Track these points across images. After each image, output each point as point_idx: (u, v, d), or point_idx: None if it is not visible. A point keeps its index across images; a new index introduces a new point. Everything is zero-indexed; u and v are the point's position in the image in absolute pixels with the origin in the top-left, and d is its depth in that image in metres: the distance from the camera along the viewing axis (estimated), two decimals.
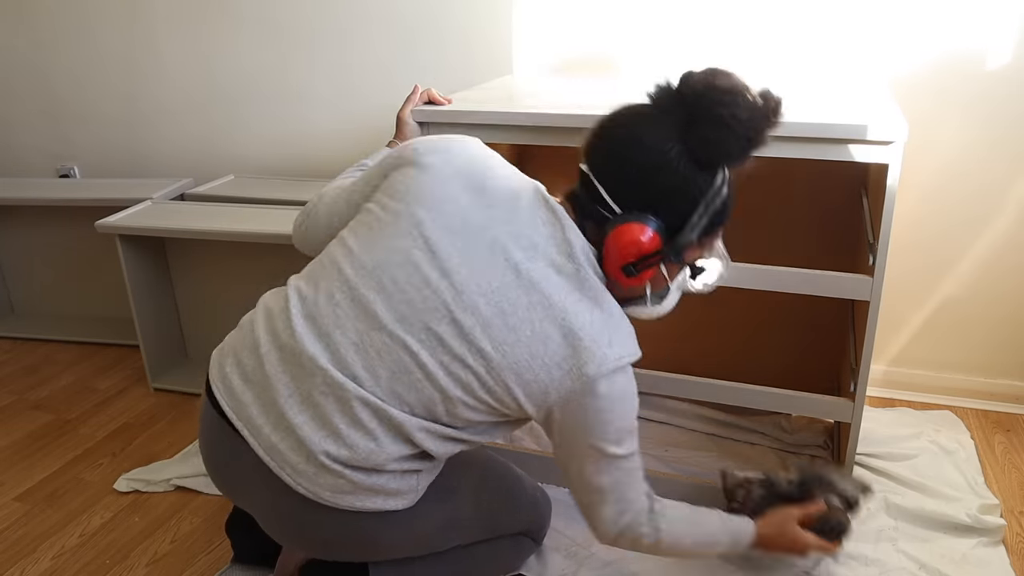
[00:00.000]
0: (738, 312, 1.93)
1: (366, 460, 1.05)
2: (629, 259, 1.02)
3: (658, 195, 1.01)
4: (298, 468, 1.06)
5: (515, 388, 1.02)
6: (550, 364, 1.01)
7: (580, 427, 1.05)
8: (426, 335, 1.02)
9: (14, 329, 2.51)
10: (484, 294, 1.02)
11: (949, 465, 1.70)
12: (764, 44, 1.87)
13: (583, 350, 1.00)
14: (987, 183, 1.83)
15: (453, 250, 1.03)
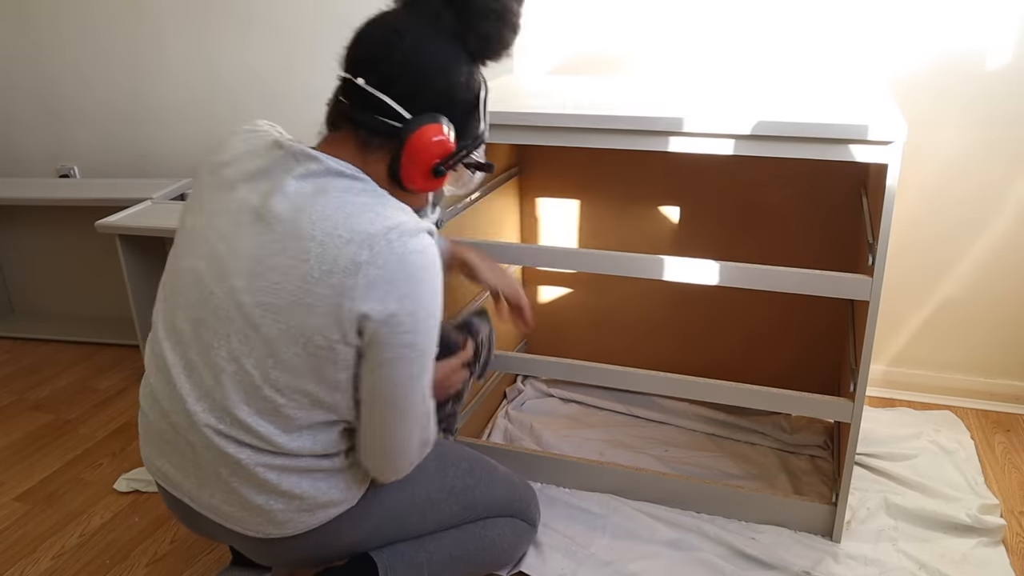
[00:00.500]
0: (738, 313, 1.93)
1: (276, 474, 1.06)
2: (435, 159, 1.04)
3: (445, 96, 1.03)
4: (237, 517, 1.09)
5: (308, 320, 0.97)
6: (322, 275, 0.96)
7: (385, 326, 0.98)
8: (213, 330, 1.02)
9: (14, 329, 2.51)
10: (241, 255, 1.00)
11: (949, 465, 1.70)
12: (765, 44, 1.87)
13: (345, 245, 0.96)
14: (987, 183, 1.83)
15: (215, 235, 1.03)
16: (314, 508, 1.11)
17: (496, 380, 1.96)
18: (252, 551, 1.18)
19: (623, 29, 1.96)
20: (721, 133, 1.31)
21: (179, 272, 1.07)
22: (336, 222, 0.97)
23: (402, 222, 0.99)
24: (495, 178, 1.84)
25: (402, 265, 0.98)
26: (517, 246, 1.56)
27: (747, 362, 1.97)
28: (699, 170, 1.84)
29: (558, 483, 1.67)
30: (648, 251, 1.95)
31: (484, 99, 1.10)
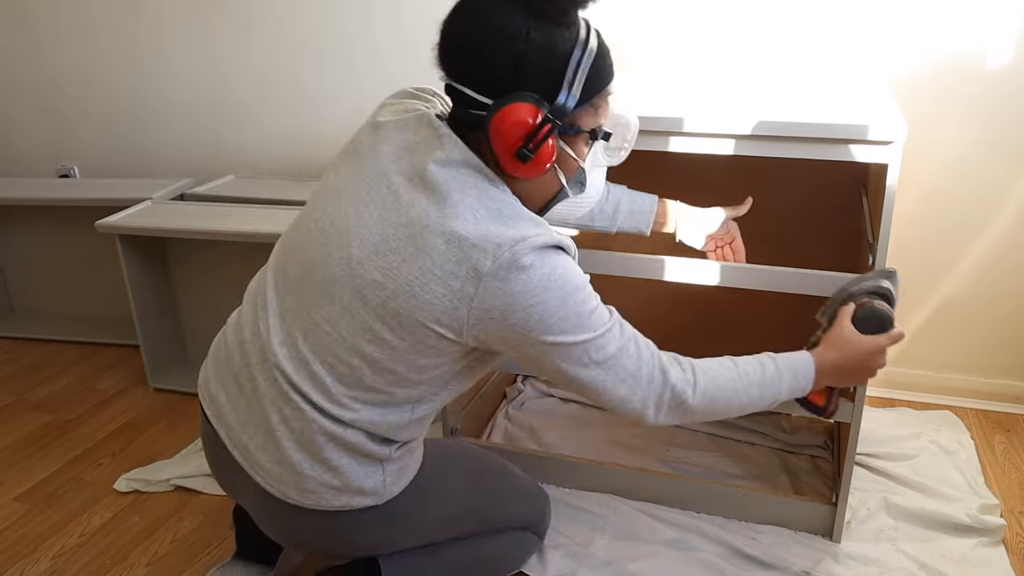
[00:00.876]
0: (738, 313, 1.93)
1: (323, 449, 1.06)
2: (518, 142, 0.95)
3: (521, 68, 0.94)
4: (266, 467, 1.08)
5: (418, 313, 0.97)
6: (443, 276, 0.95)
7: (515, 333, 0.97)
8: (327, 287, 1.02)
9: (14, 329, 2.51)
10: (368, 227, 1.00)
11: (949, 465, 1.70)
12: (765, 44, 1.87)
13: (471, 249, 0.94)
14: (987, 183, 1.83)
15: (348, 200, 1.03)
16: (343, 489, 1.09)
17: (496, 380, 1.96)
18: (261, 513, 1.16)
19: (625, 28, 1.96)
20: (721, 133, 1.31)
21: (306, 224, 1.07)
22: (466, 223, 0.95)
23: (528, 235, 0.95)
24: None
25: (525, 280, 0.95)
26: None
27: None
28: (699, 170, 1.84)
29: (558, 483, 1.67)
30: (648, 252, 1.95)
31: (577, 61, 0.96)
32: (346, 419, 1.05)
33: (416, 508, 1.19)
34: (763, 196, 1.82)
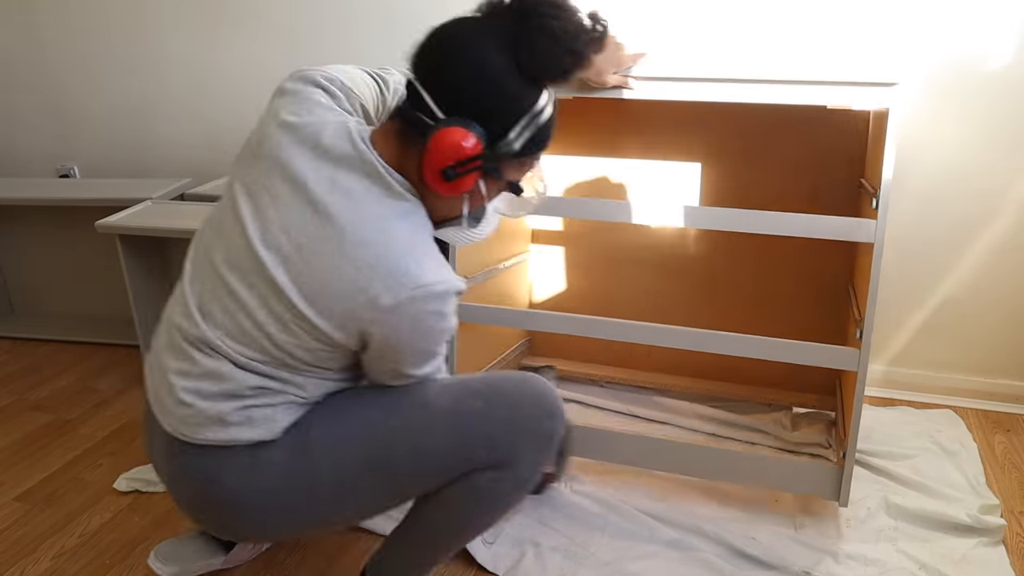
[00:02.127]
0: (740, 285, 1.93)
1: (215, 386, 1.09)
2: (449, 161, 1.01)
3: (482, 104, 1.02)
4: (164, 404, 1.13)
5: (314, 317, 1.04)
6: (346, 294, 1.02)
7: (381, 354, 1.08)
8: (241, 274, 1.07)
9: (14, 329, 2.51)
10: (286, 231, 1.05)
11: (950, 465, 1.70)
12: (766, 44, 1.87)
13: (379, 276, 1.01)
14: (987, 183, 1.83)
15: (266, 194, 1.07)
16: (223, 422, 1.09)
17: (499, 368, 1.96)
18: (170, 473, 1.15)
19: (626, 28, 1.96)
20: (728, 78, 1.32)
21: (232, 211, 1.10)
22: (377, 253, 1.02)
23: (432, 282, 1.03)
24: None
25: (415, 326, 1.05)
26: None
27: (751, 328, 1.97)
28: (701, 164, 1.84)
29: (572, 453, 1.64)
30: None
31: (537, 118, 1.05)
32: (241, 363, 1.09)
33: (321, 449, 1.12)
34: (763, 191, 1.82)
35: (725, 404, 1.93)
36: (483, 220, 1.18)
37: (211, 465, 1.12)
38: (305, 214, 1.04)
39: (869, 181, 1.57)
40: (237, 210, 1.08)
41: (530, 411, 1.14)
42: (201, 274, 1.12)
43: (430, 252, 1.07)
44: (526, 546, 1.49)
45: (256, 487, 1.12)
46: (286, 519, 1.15)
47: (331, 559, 1.50)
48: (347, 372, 1.17)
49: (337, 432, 1.13)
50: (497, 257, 1.90)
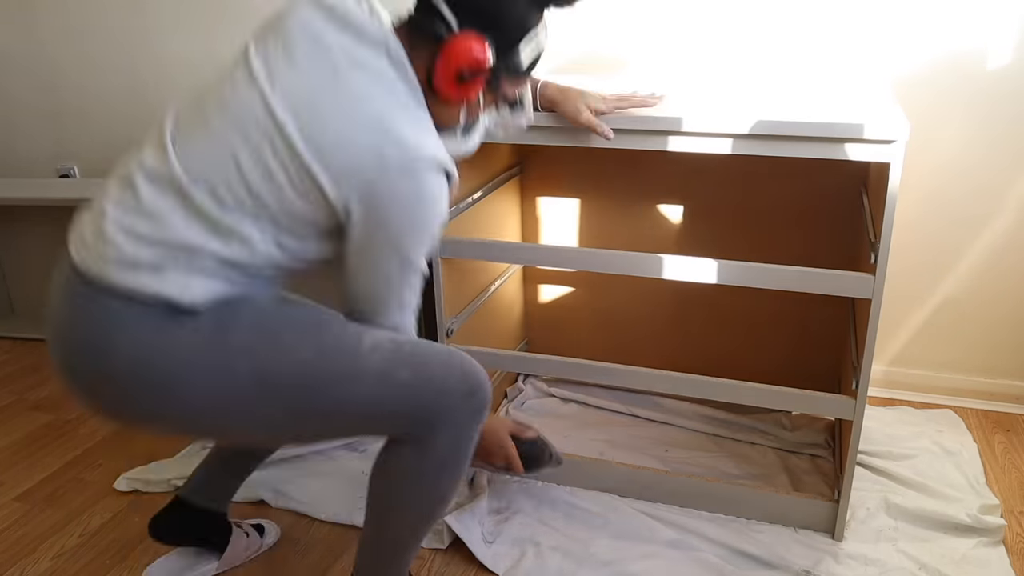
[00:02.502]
0: (738, 311, 1.93)
1: (149, 228, 1.04)
2: (462, 67, 1.08)
3: (498, 19, 1.09)
4: (84, 238, 1.09)
5: (315, 166, 1.03)
6: (355, 147, 1.03)
7: (381, 221, 1.07)
8: (239, 118, 1.05)
9: (14, 329, 2.51)
10: (302, 88, 1.05)
11: (950, 465, 1.70)
12: (766, 44, 1.87)
13: (391, 137, 1.04)
14: (987, 183, 1.83)
15: (283, 54, 1.07)
16: (139, 260, 1.04)
17: (497, 379, 1.96)
18: (64, 326, 1.08)
19: (624, 29, 1.96)
20: (722, 133, 1.31)
21: (244, 66, 1.09)
22: (392, 121, 1.05)
23: (441, 159, 1.07)
24: (496, 177, 1.84)
25: (419, 191, 1.06)
26: (518, 245, 1.56)
27: (747, 359, 1.97)
28: (700, 169, 1.84)
29: (559, 481, 1.67)
30: (649, 250, 1.95)
31: (535, 39, 1.13)
32: (194, 207, 1.05)
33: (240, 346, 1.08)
34: (763, 194, 1.82)
35: (725, 404, 1.93)
36: (472, 132, 1.25)
37: (112, 318, 1.04)
38: (325, 77, 1.05)
39: (871, 208, 1.56)
40: (249, 65, 1.08)
41: (456, 386, 1.14)
42: (188, 116, 1.10)
43: (437, 137, 1.11)
44: (526, 546, 1.50)
45: (155, 361, 1.05)
46: (178, 411, 1.08)
47: (331, 559, 1.50)
48: (302, 258, 1.12)
49: (265, 348, 1.08)
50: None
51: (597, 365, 1.57)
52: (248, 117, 1.05)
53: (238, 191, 1.05)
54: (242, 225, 1.06)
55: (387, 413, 1.13)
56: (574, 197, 1.97)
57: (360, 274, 1.12)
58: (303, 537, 1.55)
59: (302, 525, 1.59)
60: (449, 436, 1.15)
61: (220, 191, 1.05)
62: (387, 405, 1.13)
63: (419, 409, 1.13)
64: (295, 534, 1.56)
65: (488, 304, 1.86)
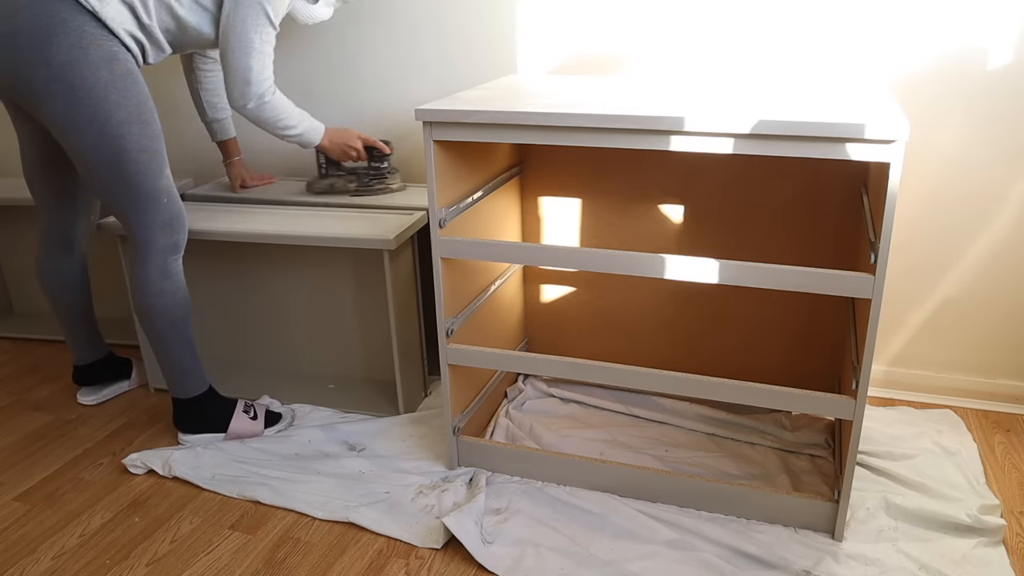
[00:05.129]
0: (738, 310, 1.93)
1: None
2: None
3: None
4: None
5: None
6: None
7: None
8: None
9: (14, 329, 2.51)
10: None
11: (950, 465, 1.70)
12: (765, 44, 1.87)
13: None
14: (987, 183, 1.83)
15: None
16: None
17: (497, 380, 1.96)
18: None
19: (624, 29, 1.96)
20: (723, 132, 1.31)
21: None
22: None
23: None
24: (496, 177, 1.84)
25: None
26: (518, 245, 1.56)
27: (747, 359, 1.97)
28: (700, 168, 1.84)
29: (558, 481, 1.68)
30: (650, 249, 1.95)
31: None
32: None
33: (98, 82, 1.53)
34: (764, 194, 1.82)
35: (725, 404, 1.93)
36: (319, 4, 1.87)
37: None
38: None
39: (871, 208, 1.56)
40: None
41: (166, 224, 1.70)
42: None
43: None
44: (526, 546, 1.49)
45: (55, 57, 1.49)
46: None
47: (331, 559, 1.50)
48: (186, 29, 1.67)
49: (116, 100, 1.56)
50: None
51: (597, 365, 1.57)
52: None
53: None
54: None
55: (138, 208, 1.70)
56: (574, 197, 1.97)
57: (229, 28, 1.65)
58: (303, 537, 1.55)
59: (302, 525, 1.59)
60: (154, 255, 1.73)
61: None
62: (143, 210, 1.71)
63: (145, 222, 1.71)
64: (295, 534, 1.56)
65: (488, 304, 1.86)
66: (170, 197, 1.70)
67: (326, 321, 2.09)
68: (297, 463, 1.77)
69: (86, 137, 1.56)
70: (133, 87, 1.58)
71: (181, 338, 1.79)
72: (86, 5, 1.49)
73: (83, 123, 1.54)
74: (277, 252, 2.04)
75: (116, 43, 1.55)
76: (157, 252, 1.71)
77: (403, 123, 2.24)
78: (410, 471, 1.74)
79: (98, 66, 1.52)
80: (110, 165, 1.60)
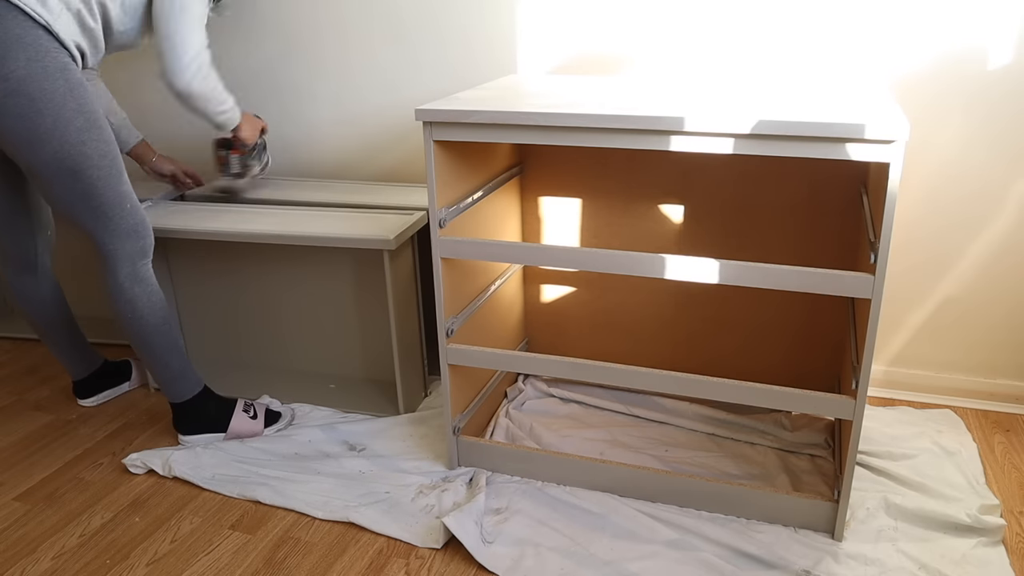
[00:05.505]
0: (738, 310, 1.93)
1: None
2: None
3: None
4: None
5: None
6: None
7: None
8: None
9: (14, 329, 2.51)
10: None
11: (950, 465, 1.70)
12: (765, 44, 1.87)
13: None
14: (987, 183, 1.83)
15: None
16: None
17: (497, 380, 1.96)
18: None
19: (624, 29, 1.96)
20: (723, 132, 1.31)
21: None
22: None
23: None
24: (496, 177, 1.84)
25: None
26: (518, 245, 1.56)
27: (747, 359, 1.97)
28: (700, 168, 1.84)
29: (558, 481, 1.68)
30: (650, 249, 1.95)
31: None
32: None
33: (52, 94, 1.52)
34: (764, 194, 1.82)
35: (725, 404, 1.93)
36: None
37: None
38: None
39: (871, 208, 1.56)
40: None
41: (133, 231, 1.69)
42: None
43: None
44: (526, 546, 1.50)
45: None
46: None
47: (331, 559, 1.50)
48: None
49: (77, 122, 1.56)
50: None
51: (597, 365, 1.57)
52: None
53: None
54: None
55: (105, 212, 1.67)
56: (574, 197, 1.97)
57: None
58: (303, 537, 1.55)
59: (302, 525, 1.59)
60: (122, 264, 1.72)
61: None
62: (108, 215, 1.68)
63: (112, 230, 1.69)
64: (295, 534, 1.56)
65: (488, 304, 1.86)
66: (132, 203, 1.69)
67: (326, 321, 2.09)
68: (297, 463, 1.77)
69: (47, 146, 1.54)
70: (85, 95, 1.58)
71: (165, 343, 1.77)
72: (39, 20, 1.50)
73: (44, 132, 1.53)
74: (277, 252, 2.04)
75: (66, 54, 1.55)
76: (124, 259, 1.69)
77: (403, 123, 2.24)
78: (410, 471, 1.74)
79: (55, 76, 1.52)
80: (71, 174, 1.58)
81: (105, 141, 1.62)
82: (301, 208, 2.06)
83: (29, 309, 1.93)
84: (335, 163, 2.34)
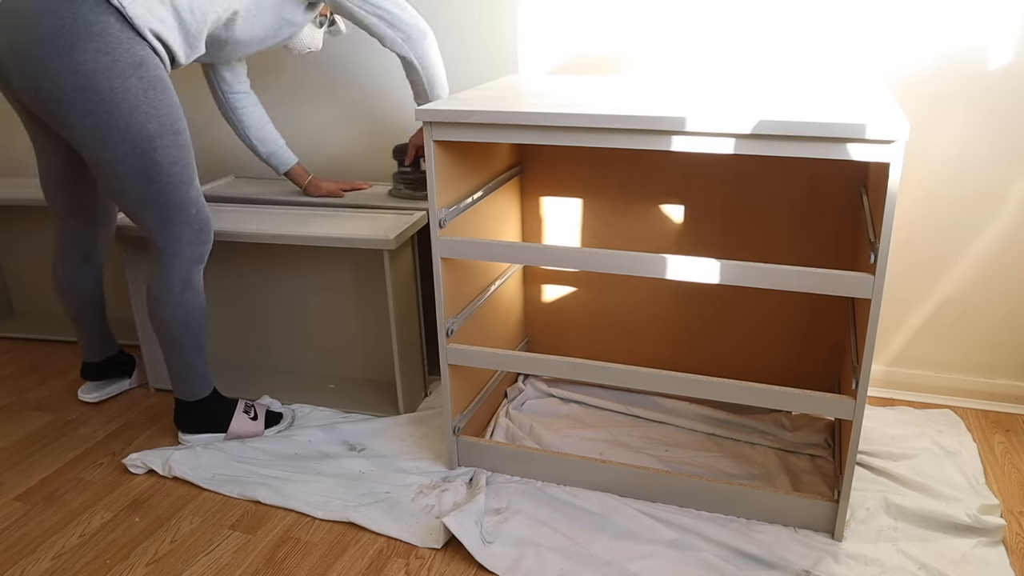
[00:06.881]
0: (738, 310, 1.93)
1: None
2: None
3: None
4: None
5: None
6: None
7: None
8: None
9: (14, 329, 2.51)
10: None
11: (950, 465, 1.70)
12: (765, 44, 1.87)
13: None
14: (987, 183, 1.83)
15: None
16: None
17: (497, 380, 1.96)
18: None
19: (624, 29, 1.96)
20: (723, 132, 1.31)
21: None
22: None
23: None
24: (496, 177, 1.84)
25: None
26: (518, 245, 1.56)
27: (747, 358, 1.97)
28: (700, 168, 1.85)
29: (558, 481, 1.68)
30: (650, 249, 1.95)
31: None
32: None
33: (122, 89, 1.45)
34: (764, 194, 1.82)
35: (725, 404, 1.94)
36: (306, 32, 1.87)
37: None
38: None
39: (871, 209, 1.56)
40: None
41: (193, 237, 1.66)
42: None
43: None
44: (526, 546, 1.50)
45: (74, 61, 1.41)
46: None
47: (331, 559, 1.50)
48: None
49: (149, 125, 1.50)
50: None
51: (597, 365, 1.57)
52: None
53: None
54: None
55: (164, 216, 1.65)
56: (574, 197, 1.97)
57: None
58: (303, 537, 1.55)
59: (302, 525, 1.59)
60: (178, 269, 1.70)
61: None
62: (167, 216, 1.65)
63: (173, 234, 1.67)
64: (295, 534, 1.56)
65: (488, 304, 1.86)
66: (198, 207, 1.65)
67: (326, 321, 2.09)
68: (297, 463, 1.77)
69: (116, 150, 1.48)
70: (164, 95, 1.50)
71: (196, 345, 1.76)
72: (112, 2, 1.40)
73: (114, 136, 1.47)
74: (277, 252, 2.04)
75: (144, 45, 1.46)
76: (182, 263, 1.66)
77: (403, 123, 2.25)
78: (410, 471, 1.74)
79: (127, 73, 1.43)
80: (140, 177, 1.53)
81: (179, 146, 1.55)
82: (301, 208, 2.06)
83: (70, 297, 1.92)
84: (335, 163, 2.34)
